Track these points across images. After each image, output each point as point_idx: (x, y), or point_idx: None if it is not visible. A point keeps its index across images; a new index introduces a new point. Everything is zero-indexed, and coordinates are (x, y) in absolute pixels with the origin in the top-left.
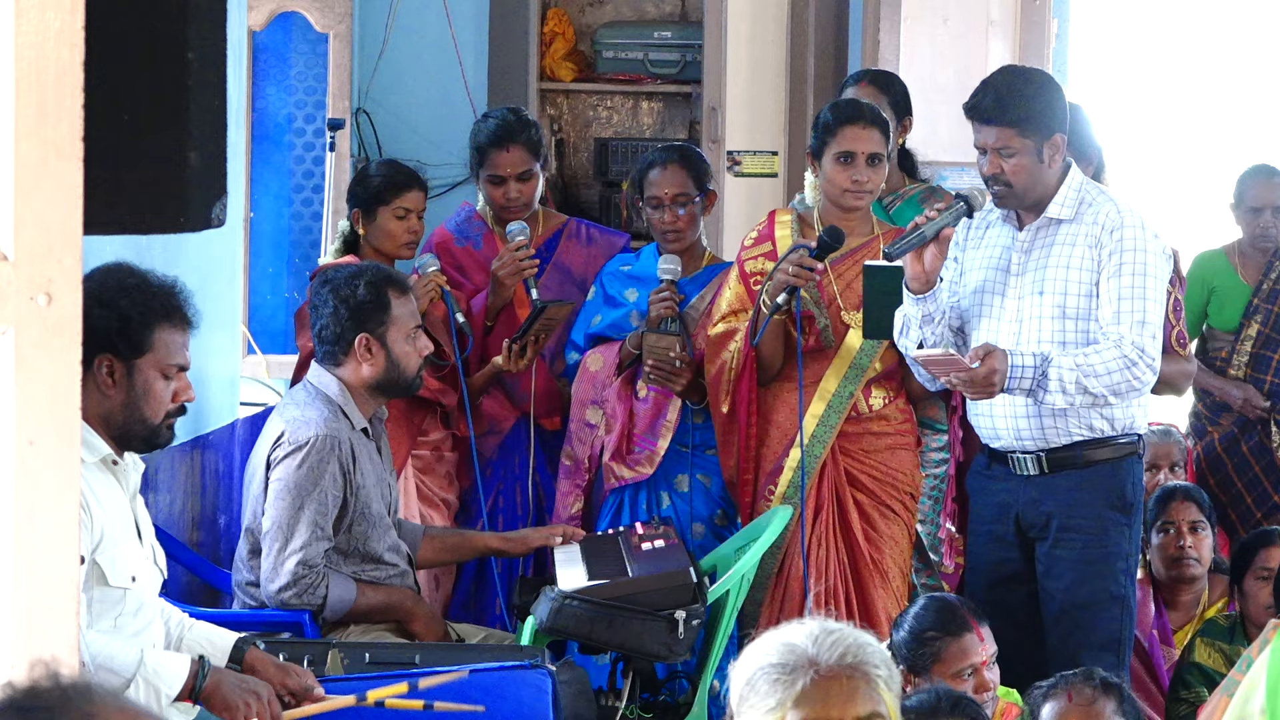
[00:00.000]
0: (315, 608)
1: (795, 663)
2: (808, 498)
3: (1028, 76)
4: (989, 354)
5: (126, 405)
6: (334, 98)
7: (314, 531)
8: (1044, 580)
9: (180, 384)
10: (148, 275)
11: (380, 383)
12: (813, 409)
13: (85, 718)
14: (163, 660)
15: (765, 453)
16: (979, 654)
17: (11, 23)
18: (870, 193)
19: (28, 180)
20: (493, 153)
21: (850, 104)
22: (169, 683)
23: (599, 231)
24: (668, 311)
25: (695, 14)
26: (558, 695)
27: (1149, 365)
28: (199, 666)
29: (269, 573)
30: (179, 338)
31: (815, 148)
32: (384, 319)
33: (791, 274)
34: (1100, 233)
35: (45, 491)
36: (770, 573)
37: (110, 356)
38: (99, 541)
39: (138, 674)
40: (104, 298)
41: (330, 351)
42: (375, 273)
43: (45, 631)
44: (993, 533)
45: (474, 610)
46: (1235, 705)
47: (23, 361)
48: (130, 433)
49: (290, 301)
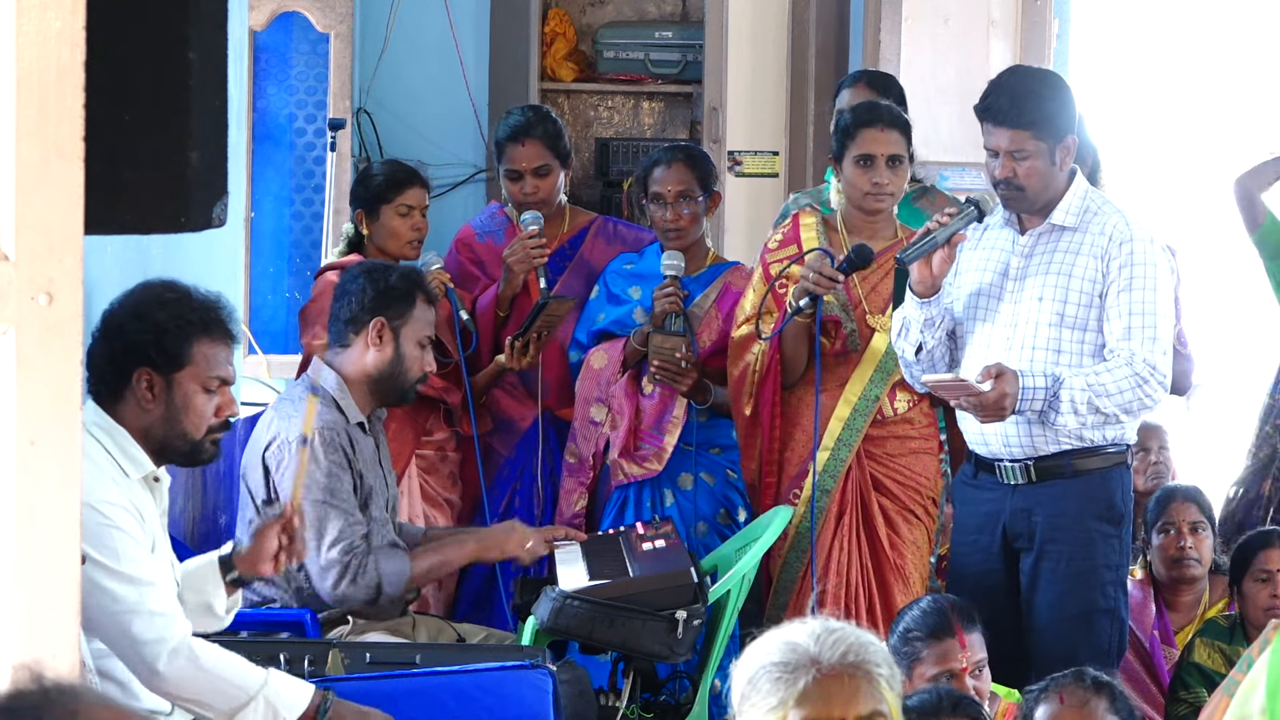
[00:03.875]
0: (373, 592)
1: (797, 661)
2: (832, 501)
3: (1042, 78)
4: (1000, 376)
5: (166, 419)
6: (335, 98)
7: (344, 516)
8: (1029, 593)
9: (223, 399)
10: (190, 290)
11: (381, 375)
12: (838, 412)
13: (70, 716)
14: (286, 684)
15: (790, 456)
16: (957, 660)
17: (12, 23)
18: (891, 195)
19: (29, 180)
20: (509, 147)
21: (869, 106)
22: (290, 707)
23: (627, 229)
24: (672, 307)
25: (696, 14)
26: (558, 695)
27: (1160, 383)
28: (322, 699)
29: (318, 575)
30: (221, 352)
31: (836, 151)
32: (405, 313)
33: (813, 281)
34: (1108, 244)
35: (46, 491)
36: (796, 576)
37: (149, 370)
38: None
39: (261, 693)
40: (141, 311)
41: (342, 331)
42: (412, 272)
43: (45, 631)
44: (977, 543)
45: (486, 609)
46: (1235, 705)
47: (24, 361)
48: (170, 447)
49: (291, 301)
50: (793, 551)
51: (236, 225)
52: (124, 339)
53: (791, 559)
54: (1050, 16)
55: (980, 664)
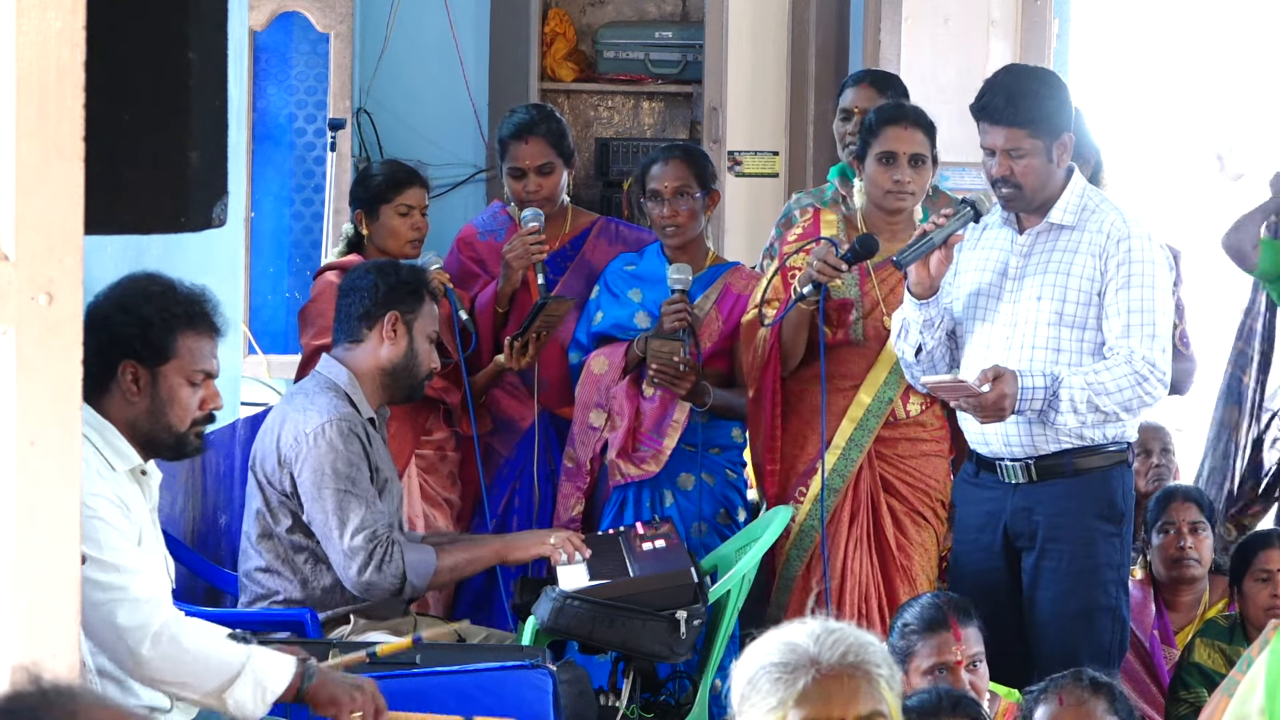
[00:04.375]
0: (399, 581)
1: (797, 662)
2: (843, 501)
3: (1037, 76)
4: (998, 377)
5: (152, 412)
6: (335, 98)
7: (366, 505)
8: (1031, 592)
9: (208, 392)
10: (175, 283)
11: (394, 369)
12: (850, 412)
13: (68, 717)
14: (269, 658)
15: (799, 454)
16: (952, 653)
17: (12, 23)
18: (913, 194)
19: (29, 180)
20: (513, 145)
21: (894, 105)
22: (275, 680)
23: (629, 230)
24: (681, 324)
25: (696, 14)
26: (558, 695)
27: (1160, 380)
28: (304, 668)
29: (343, 565)
30: (205, 345)
31: (859, 150)
32: (416, 307)
33: (816, 269)
34: (1106, 242)
35: (46, 491)
36: (796, 574)
37: (134, 363)
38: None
39: (245, 668)
40: (126, 304)
41: (354, 327)
42: (419, 269)
43: (45, 631)
44: (978, 542)
45: (487, 610)
46: (1235, 705)
47: (24, 361)
48: (156, 440)
49: (291, 301)
50: (794, 549)
51: (236, 225)
52: (109, 332)
53: (793, 556)
54: (1050, 16)
55: (976, 658)
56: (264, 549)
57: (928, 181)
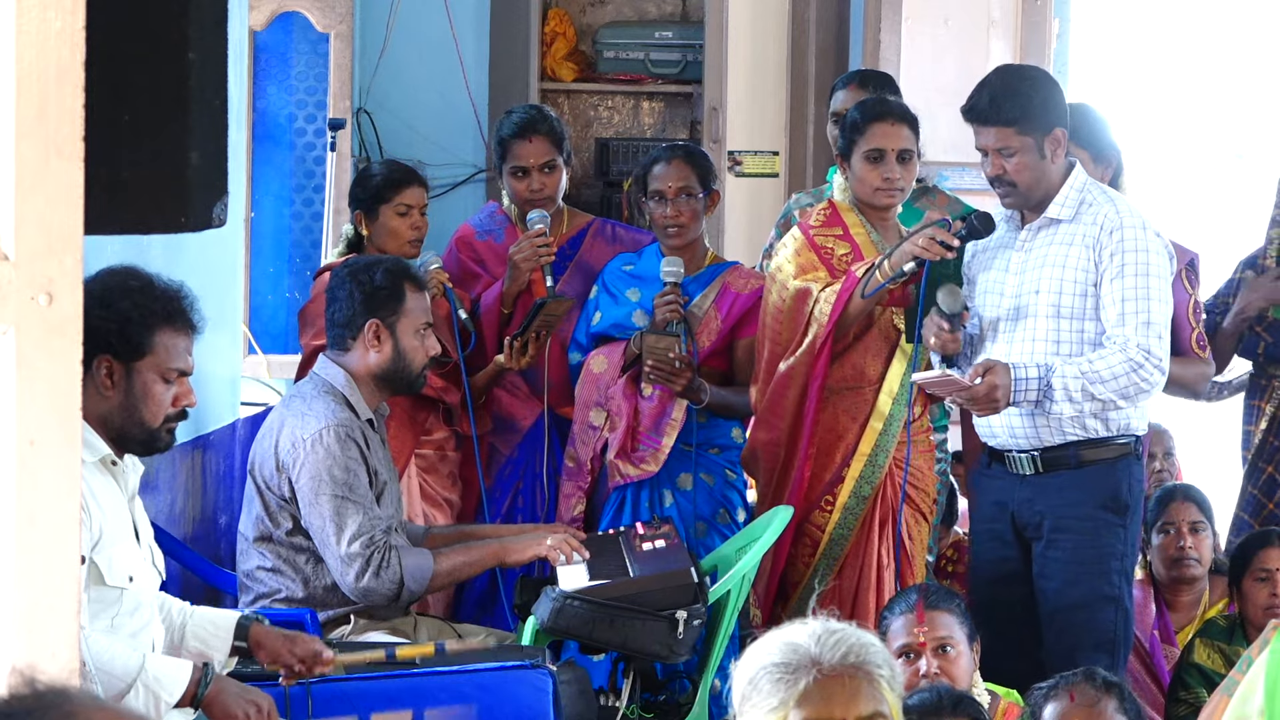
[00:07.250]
0: (396, 586)
1: (798, 662)
2: (870, 509)
3: (1022, 73)
4: (989, 370)
5: (124, 407)
6: (335, 98)
7: (363, 511)
8: (1038, 580)
9: (181, 389)
10: (153, 279)
11: (385, 373)
12: (872, 423)
13: (65, 718)
14: (164, 666)
15: (825, 462)
16: (913, 635)
17: (12, 23)
18: (902, 190)
19: (28, 180)
20: (515, 144)
21: (878, 102)
22: (170, 689)
23: (626, 231)
24: (673, 315)
25: (696, 14)
26: (558, 695)
27: (1156, 366)
28: (201, 674)
29: (340, 569)
30: (181, 342)
31: (843, 148)
32: (396, 309)
33: (923, 245)
34: (1099, 233)
35: (46, 491)
36: (826, 587)
37: (109, 358)
38: (97, 541)
39: (138, 679)
40: (105, 299)
41: (340, 335)
42: (395, 264)
43: (45, 631)
44: (992, 531)
45: (489, 611)
46: (1234, 705)
47: (23, 361)
48: (128, 435)
49: (291, 301)
50: (824, 560)
51: (236, 225)
52: (87, 325)
53: (822, 567)
54: (1050, 16)
55: (944, 642)
56: (264, 550)
57: (914, 176)
